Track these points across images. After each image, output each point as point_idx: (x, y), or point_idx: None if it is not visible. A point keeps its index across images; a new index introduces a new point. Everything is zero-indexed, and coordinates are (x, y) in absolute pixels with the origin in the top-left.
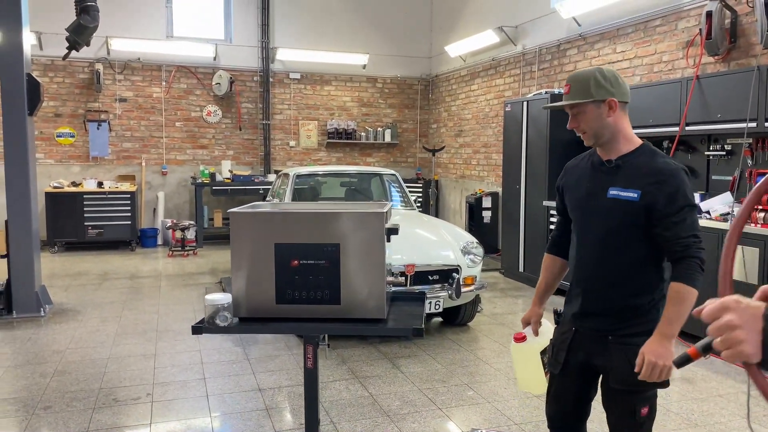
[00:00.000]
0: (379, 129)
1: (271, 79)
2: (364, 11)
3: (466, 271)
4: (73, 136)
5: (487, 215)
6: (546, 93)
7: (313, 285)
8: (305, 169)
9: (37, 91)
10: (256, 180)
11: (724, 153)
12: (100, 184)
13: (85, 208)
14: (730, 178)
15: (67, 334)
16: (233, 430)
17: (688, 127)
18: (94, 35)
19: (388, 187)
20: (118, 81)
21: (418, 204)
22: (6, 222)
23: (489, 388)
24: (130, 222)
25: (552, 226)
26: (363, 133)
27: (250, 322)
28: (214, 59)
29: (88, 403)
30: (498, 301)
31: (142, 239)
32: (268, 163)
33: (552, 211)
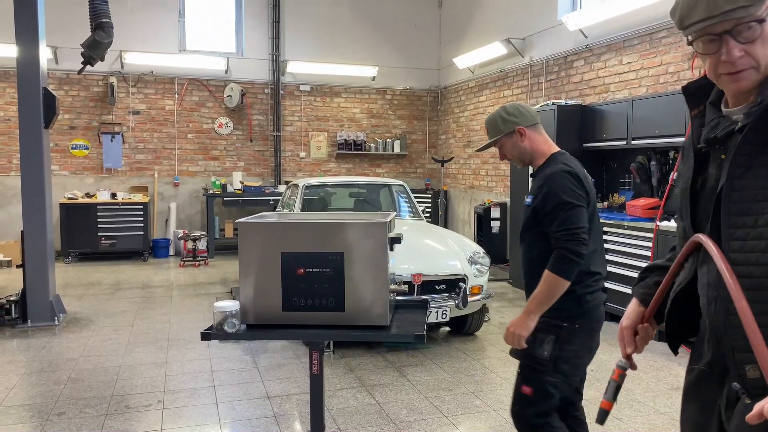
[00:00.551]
0: (388, 140)
1: (281, 92)
2: (374, 24)
3: (473, 281)
4: (87, 148)
5: (495, 225)
6: (553, 104)
7: (319, 293)
8: (314, 180)
9: (52, 104)
10: (267, 191)
11: None
12: (114, 196)
13: (98, 219)
14: None
15: (81, 343)
16: None
17: None
18: (108, 49)
19: (397, 197)
20: (132, 94)
21: (427, 214)
22: (22, 233)
23: (495, 396)
24: (142, 233)
25: None
26: (372, 145)
27: (257, 328)
28: (226, 72)
29: (100, 410)
30: (506, 310)
31: (154, 250)
32: (278, 174)
33: None
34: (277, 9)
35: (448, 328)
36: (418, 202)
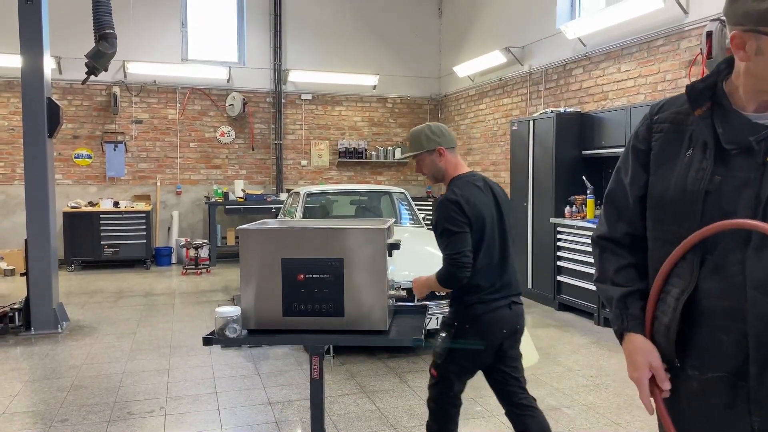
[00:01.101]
0: (389, 148)
1: (283, 100)
2: (374, 33)
3: None
4: (90, 157)
5: None
6: (552, 112)
7: (318, 298)
8: (316, 188)
9: (56, 114)
10: (269, 199)
11: None
12: (116, 204)
13: (101, 228)
14: None
15: (84, 350)
16: None
17: None
18: (111, 60)
19: (398, 205)
20: (135, 103)
21: (428, 222)
22: (26, 241)
23: (495, 402)
24: (145, 241)
25: (559, 243)
26: (374, 152)
27: (258, 333)
28: (228, 81)
29: (103, 416)
30: None
31: (156, 258)
32: (280, 182)
33: (559, 228)
34: (279, 18)
35: None
36: (420, 210)
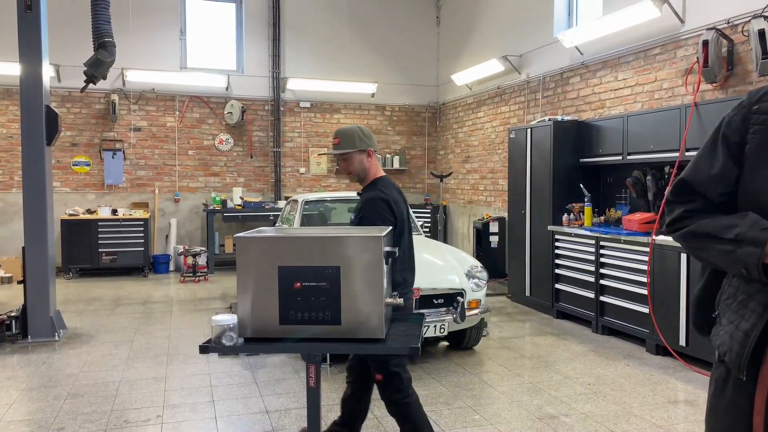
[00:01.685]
0: (387, 156)
1: (281, 108)
2: (373, 42)
3: (471, 295)
4: (88, 165)
5: (494, 240)
6: (549, 120)
7: (315, 306)
8: (314, 196)
9: (55, 122)
10: (267, 206)
11: None
12: (115, 212)
13: (99, 235)
14: None
15: (81, 358)
16: None
17: (688, 153)
18: (110, 68)
19: None
20: (133, 111)
21: (427, 229)
22: (23, 249)
23: (493, 410)
24: (142, 248)
25: (557, 251)
26: None
27: (254, 341)
28: (227, 89)
29: (99, 425)
30: (505, 325)
31: (154, 265)
32: (278, 189)
33: (557, 236)
34: (278, 27)
35: (446, 343)
36: (418, 217)
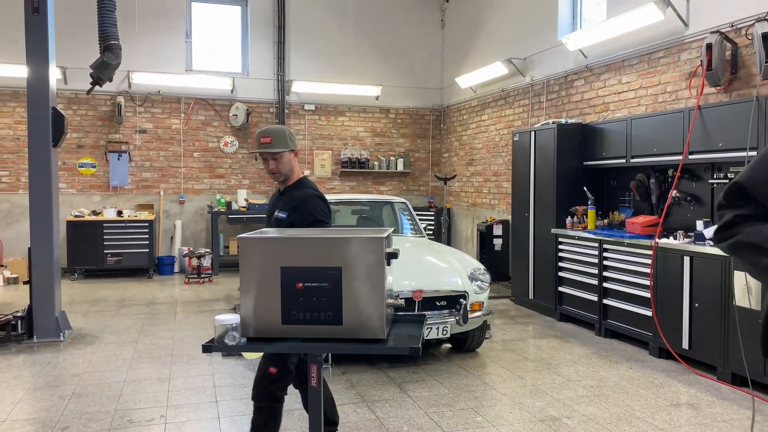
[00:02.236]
0: (391, 158)
1: (286, 111)
2: (378, 44)
3: (474, 297)
4: (94, 167)
5: (498, 243)
6: (553, 123)
7: (317, 306)
8: None
9: (61, 123)
10: None
11: (727, 181)
12: (120, 213)
13: (104, 237)
14: None
15: (85, 358)
16: None
17: (691, 156)
18: (116, 70)
19: (399, 215)
20: (139, 113)
21: (431, 232)
22: (29, 250)
23: (495, 412)
24: (147, 250)
25: (561, 254)
26: (376, 163)
27: (257, 341)
28: (232, 92)
29: (104, 424)
30: (508, 328)
31: (159, 267)
32: None
33: (560, 239)
34: (283, 30)
35: (449, 345)
36: (422, 220)
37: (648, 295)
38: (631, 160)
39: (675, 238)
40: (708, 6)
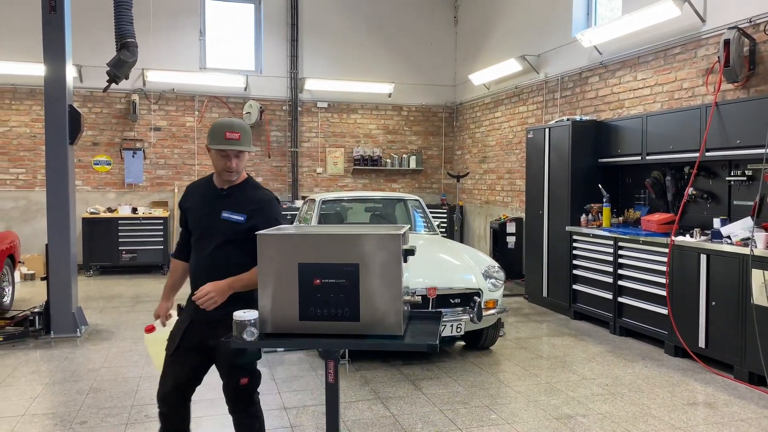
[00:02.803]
0: (404, 156)
1: (299, 108)
2: (390, 42)
3: (488, 295)
4: (109, 164)
5: (511, 241)
6: (568, 120)
7: (334, 303)
8: (331, 195)
9: (77, 121)
10: (284, 206)
11: (744, 178)
12: (135, 210)
13: (119, 233)
14: (752, 203)
15: (102, 354)
16: None
17: (708, 153)
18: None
19: (412, 212)
20: (153, 111)
21: (443, 229)
22: (46, 246)
23: (509, 410)
24: (162, 246)
25: (575, 251)
26: (388, 160)
27: (274, 337)
28: (245, 89)
29: (121, 419)
30: (521, 326)
31: None
32: (295, 189)
33: (575, 236)
34: (296, 28)
35: (463, 342)
36: (434, 217)
37: (664, 293)
38: (647, 158)
39: (691, 236)
40: (725, 1)
